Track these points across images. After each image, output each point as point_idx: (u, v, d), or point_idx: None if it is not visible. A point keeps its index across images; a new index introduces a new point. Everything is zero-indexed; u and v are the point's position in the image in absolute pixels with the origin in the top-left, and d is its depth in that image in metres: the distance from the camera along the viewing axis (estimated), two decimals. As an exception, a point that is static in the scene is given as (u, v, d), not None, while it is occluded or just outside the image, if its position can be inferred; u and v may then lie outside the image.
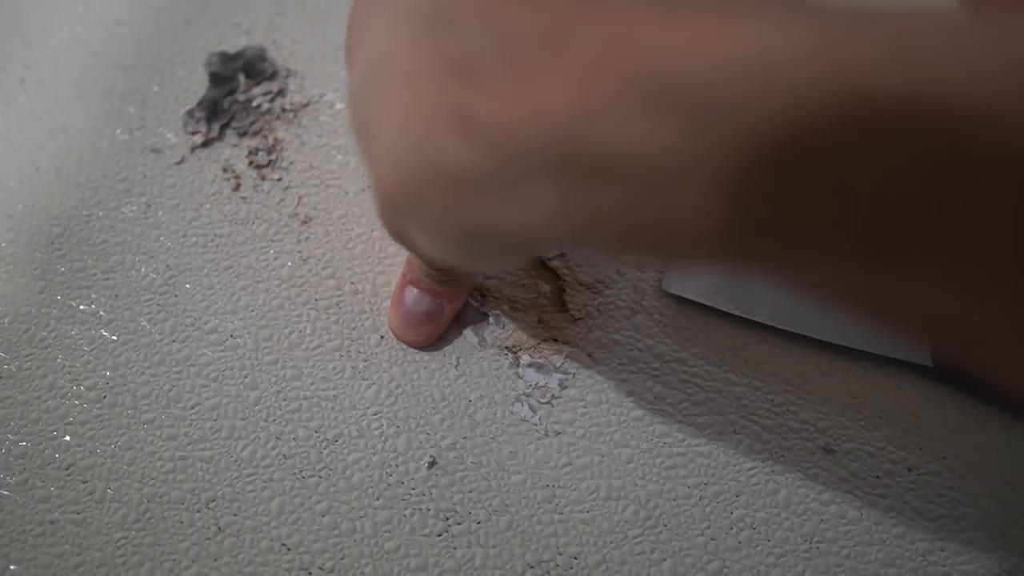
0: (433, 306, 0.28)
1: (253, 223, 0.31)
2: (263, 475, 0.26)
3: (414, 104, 0.17)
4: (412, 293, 0.28)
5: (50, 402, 0.27)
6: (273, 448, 0.27)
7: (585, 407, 0.27)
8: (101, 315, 0.29)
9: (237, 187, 0.32)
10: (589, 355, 0.28)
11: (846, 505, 0.26)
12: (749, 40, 0.13)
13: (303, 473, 0.26)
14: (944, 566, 0.25)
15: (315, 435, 0.27)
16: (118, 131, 0.33)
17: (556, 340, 0.29)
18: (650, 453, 0.27)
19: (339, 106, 0.34)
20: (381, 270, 0.30)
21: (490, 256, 0.20)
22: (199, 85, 0.34)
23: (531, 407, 0.27)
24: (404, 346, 0.28)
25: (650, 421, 0.27)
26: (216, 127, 0.33)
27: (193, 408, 0.27)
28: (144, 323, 0.29)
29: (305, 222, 0.31)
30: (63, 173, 0.32)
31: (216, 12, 0.36)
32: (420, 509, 0.26)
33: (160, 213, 0.31)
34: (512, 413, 0.27)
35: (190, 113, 0.33)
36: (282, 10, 0.36)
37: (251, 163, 0.32)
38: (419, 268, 0.27)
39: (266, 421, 0.27)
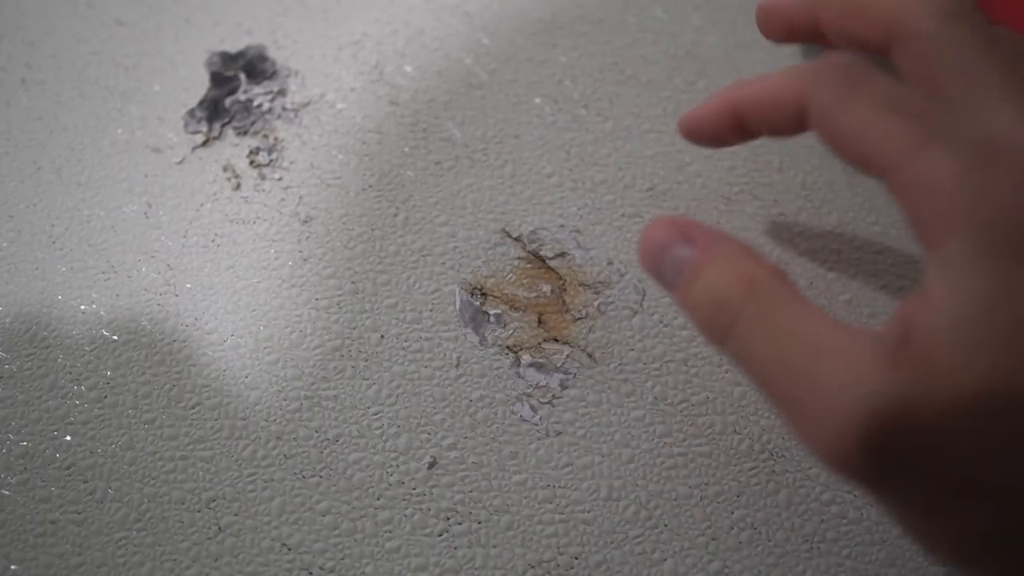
0: None
1: (254, 223, 0.31)
2: (264, 475, 0.26)
3: None
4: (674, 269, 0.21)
5: (51, 402, 0.27)
6: (274, 448, 0.27)
7: (586, 407, 0.27)
8: (102, 315, 0.29)
9: (238, 187, 0.32)
10: (590, 355, 0.28)
11: (847, 505, 0.26)
12: None
13: (304, 473, 0.26)
14: (944, 565, 0.25)
15: (316, 435, 0.27)
16: (119, 130, 0.33)
17: (557, 340, 0.29)
18: (651, 453, 0.27)
19: (340, 106, 0.34)
20: (382, 269, 0.30)
21: None
22: (200, 85, 0.34)
23: (532, 407, 0.27)
24: (404, 346, 0.28)
25: (650, 421, 0.27)
26: (217, 127, 0.33)
27: (194, 408, 0.27)
28: (145, 323, 0.29)
29: (306, 221, 0.31)
30: (64, 172, 0.32)
31: (217, 11, 0.36)
32: (421, 509, 0.26)
33: (161, 213, 0.31)
34: (513, 413, 0.27)
35: (191, 113, 0.33)
36: (283, 9, 0.36)
37: (252, 163, 0.32)
38: None
39: (267, 421, 0.27)
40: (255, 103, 0.34)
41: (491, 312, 0.29)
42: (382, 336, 0.29)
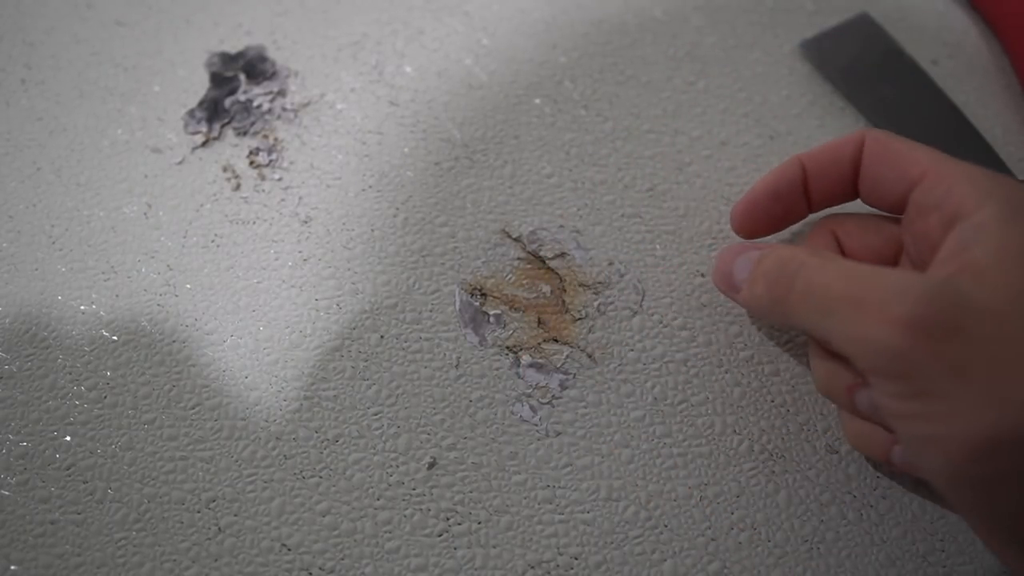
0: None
1: (254, 223, 0.31)
2: (263, 475, 0.26)
3: None
4: (745, 261, 0.26)
5: (51, 402, 0.27)
6: (273, 448, 0.27)
7: (586, 407, 0.27)
8: (102, 315, 0.29)
9: (238, 187, 0.32)
10: (589, 356, 0.28)
11: (846, 506, 0.26)
12: None
13: (303, 473, 0.26)
14: (944, 566, 0.25)
15: (315, 435, 0.27)
16: (119, 131, 0.33)
17: (556, 340, 0.29)
18: (650, 454, 0.27)
19: (339, 106, 0.34)
20: (381, 270, 0.30)
21: None
22: (200, 85, 0.34)
23: (532, 407, 0.27)
24: (404, 346, 0.28)
25: (650, 421, 0.27)
26: (217, 127, 0.33)
27: (194, 408, 0.27)
28: (145, 323, 0.29)
29: (305, 222, 0.31)
30: (64, 173, 0.32)
31: (217, 12, 0.36)
32: (421, 509, 0.26)
33: (161, 213, 0.31)
34: (512, 413, 0.27)
35: (191, 113, 0.33)
36: (283, 10, 0.36)
37: (252, 163, 0.32)
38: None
39: (266, 421, 0.27)
40: (255, 103, 0.34)
41: (491, 312, 0.29)
42: (382, 336, 0.29)
